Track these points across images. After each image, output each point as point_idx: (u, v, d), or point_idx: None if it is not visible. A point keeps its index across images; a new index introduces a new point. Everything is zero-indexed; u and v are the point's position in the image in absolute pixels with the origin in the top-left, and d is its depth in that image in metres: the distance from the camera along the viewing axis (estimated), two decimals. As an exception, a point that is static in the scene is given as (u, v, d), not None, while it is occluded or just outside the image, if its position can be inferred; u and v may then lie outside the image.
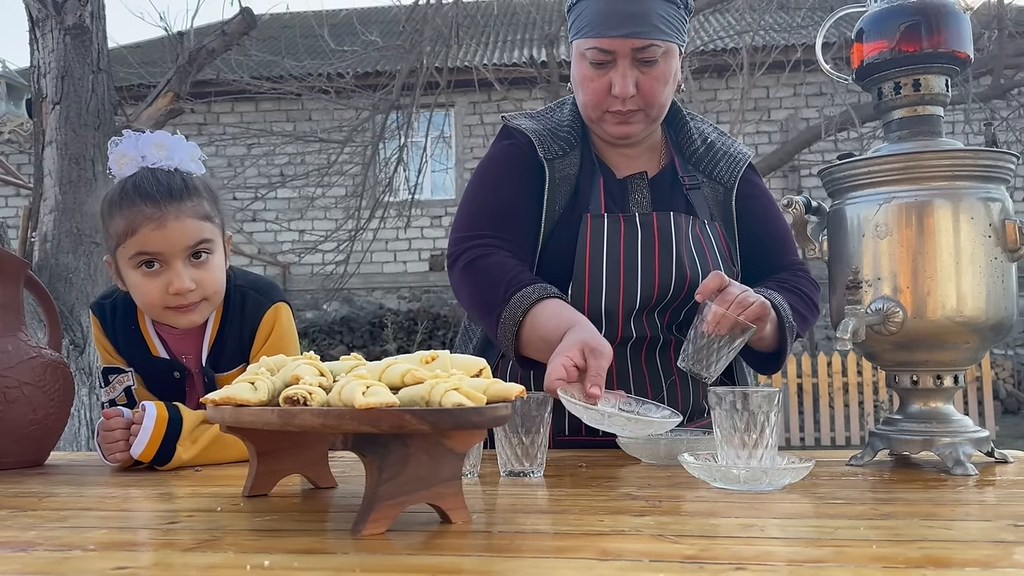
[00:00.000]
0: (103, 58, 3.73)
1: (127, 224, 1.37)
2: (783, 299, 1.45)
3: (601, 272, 1.47)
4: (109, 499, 1.08)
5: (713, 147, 1.62)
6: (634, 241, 1.49)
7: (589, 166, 1.57)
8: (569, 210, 1.53)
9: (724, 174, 1.60)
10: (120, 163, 1.40)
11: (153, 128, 4.03)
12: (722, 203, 1.60)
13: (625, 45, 1.44)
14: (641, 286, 1.48)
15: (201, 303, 1.43)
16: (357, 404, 0.81)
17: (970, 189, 1.16)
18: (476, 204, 1.58)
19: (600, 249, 1.48)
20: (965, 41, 1.20)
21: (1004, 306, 1.17)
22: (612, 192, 1.56)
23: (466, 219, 1.57)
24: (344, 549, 0.77)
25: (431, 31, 7.34)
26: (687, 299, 1.49)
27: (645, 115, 1.51)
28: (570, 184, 1.55)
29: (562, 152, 1.56)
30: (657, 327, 1.51)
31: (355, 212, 7.96)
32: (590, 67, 1.48)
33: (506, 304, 1.41)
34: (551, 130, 1.58)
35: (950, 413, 1.21)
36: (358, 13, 10.32)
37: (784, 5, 8.66)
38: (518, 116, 1.63)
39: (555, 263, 1.51)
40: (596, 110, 1.52)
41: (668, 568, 0.69)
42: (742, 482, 1.04)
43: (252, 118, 11.64)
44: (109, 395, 1.48)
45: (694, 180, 1.59)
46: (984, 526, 0.84)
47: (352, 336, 11.29)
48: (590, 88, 1.50)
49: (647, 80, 1.47)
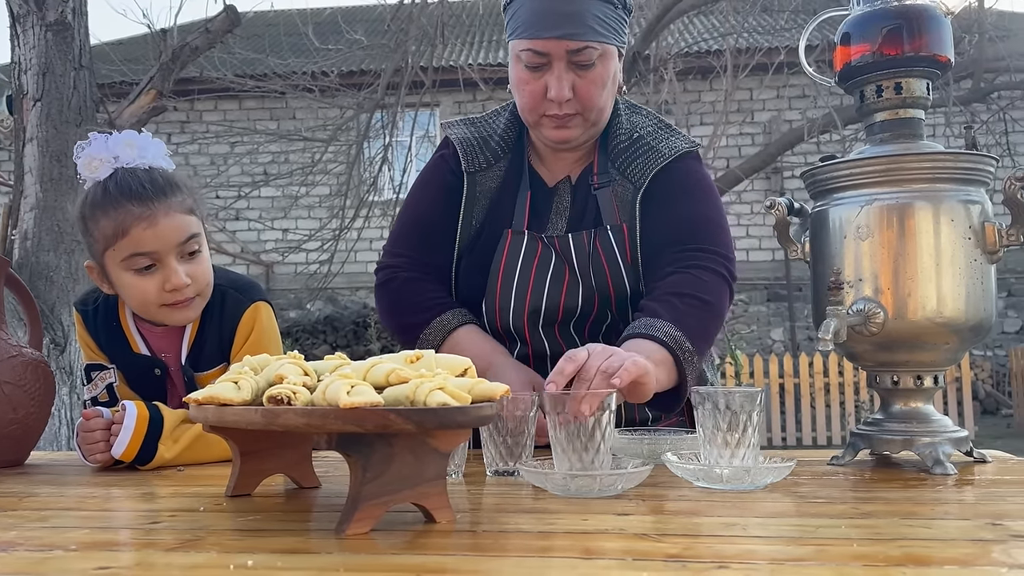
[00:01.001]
0: (85, 55, 3.70)
1: (116, 226, 1.35)
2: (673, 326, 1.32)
3: (512, 288, 1.48)
4: (90, 499, 1.07)
5: (638, 142, 1.53)
6: (547, 262, 1.49)
7: (515, 178, 1.56)
8: (489, 223, 1.54)
9: (637, 172, 1.51)
10: (91, 166, 1.38)
11: (136, 126, 4.00)
12: (629, 202, 1.51)
13: (560, 47, 1.40)
14: (546, 304, 1.48)
15: (196, 298, 1.42)
16: (342, 403, 0.81)
17: (950, 191, 1.18)
18: (400, 221, 1.65)
19: (514, 266, 1.49)
20: (946, 45, 1.21)
21: (983, 307, 1.18)
22: (537, 205, 1.55)
23: (392, 235, 1.65)
24: (328, 549, 0.77)
25: (416, 30, 7.33)
26: (600, 315, 1.50)
27: (583, 119, 1.47)
28: (488, 198, 1.55)
29: (487, 164, 1.56)
30: (575, 341, 1.50)
31: (339, 211, 7.93)
32: (525, 70, 1.45)
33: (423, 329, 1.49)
34: (483, 139, 1.58)
35: (930, 413, 1.22)
36: (343, 11, 10.29)
37: (767, 8, 8.71)
38: (456, 124, 1.62)
39: (473, 275, 1.53)
40: (533, 114, 1.48)
41: (651, 566, 0.69)
42: (724, 481, 1.05)
43: (235, 116, 11.58)
44: (92, 392, 1.47)
45: (605, 178, 1.54)
46: (963, 525, 0.85)
47: (336, 336, 11.25)
48: (526, 91, 1.46)
49: (583, 83, 1.43)
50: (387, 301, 1.58)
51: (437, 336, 1.48)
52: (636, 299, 1.47)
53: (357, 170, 8.11)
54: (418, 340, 1.49)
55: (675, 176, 1.51)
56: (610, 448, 1.06)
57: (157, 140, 1.42)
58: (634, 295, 1.49)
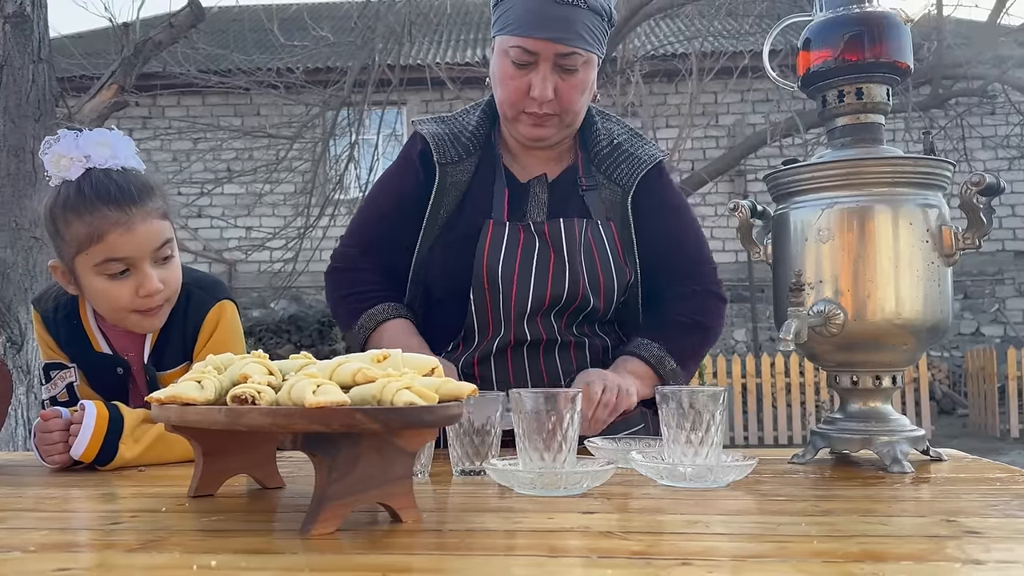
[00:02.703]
0: (44, 48, 3.63)
1: (91, 230, 1.31)
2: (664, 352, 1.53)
3: (497, 279, 1.51)
4: (49, 499, 1.05)
5: (619, 148, 1.61)
6: (531, 250, 1.52)
7: (488, 172, 1.60)
8: (465, 216, 1.56)
9: (623, 176, 1.59)
10: (59, 164, 1.33)
11: (97, 121, 3.94)
12: (619, 204, 1.58)
13: (549, 49, 1.45)
14: (533, 293, 1.51)
15: (164, 304, 1.40)
16: (307, 403, 0.81)
17: (909, 195, 1.20)
18: (362, 215, 1.71)
19: (497, 256, 1.51)
20: (906, 51, 1.24)
21: (940, 309, 1.21)
22: (513, 198, 1.58)
23: (351, 229, 1.71)
24: (293, 549, 0.76)
25: (383, 28, 7.30)
26: (583, 303, 1.53)
27: (560, 120, 1.53)
28: (459, 190, 1.58)
29: (458, 157, 1.59)
30: (554, 329, 1.54)
31: (304, 209, 7.87)
32: (512, 65, 1.49)
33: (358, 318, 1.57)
34: (454, 134, 1.61)
35: (888, 413, 1.24)
36: (309, 8, 10.19)
37: (732, 12, 8.80)
38: (426, 120, 1.66)
39: (449, 268, 1.55)
40: (512, 109, 1.53)
41: (616, 564, 0.70)
42: (688, 479, 1.06)
43: (199, 112, 11.43)
44: (50, 392, 1.44)
45: (592, 181, 1.60)
46: (919, 522, 0.87)
47: (300, 335, 11.15)
48: (510, 86, 1.51)
49: (566, 87, 1.49)
50: (331, 290, 1.67)
51: (367, 327, 1.56)
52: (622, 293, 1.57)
53: (323, 168, 8.05)
54: (351, 328, 1.58)
55: (656, 185, 1.61)
56: (575, 448, 1.07)
57: (128, 138, 1.39)
58: (621, 289, 1.56)
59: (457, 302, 1.54)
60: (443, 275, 1.56)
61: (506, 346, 1.53)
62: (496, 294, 1.51)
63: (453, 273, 1.54)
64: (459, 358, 1.54)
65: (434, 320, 1.60)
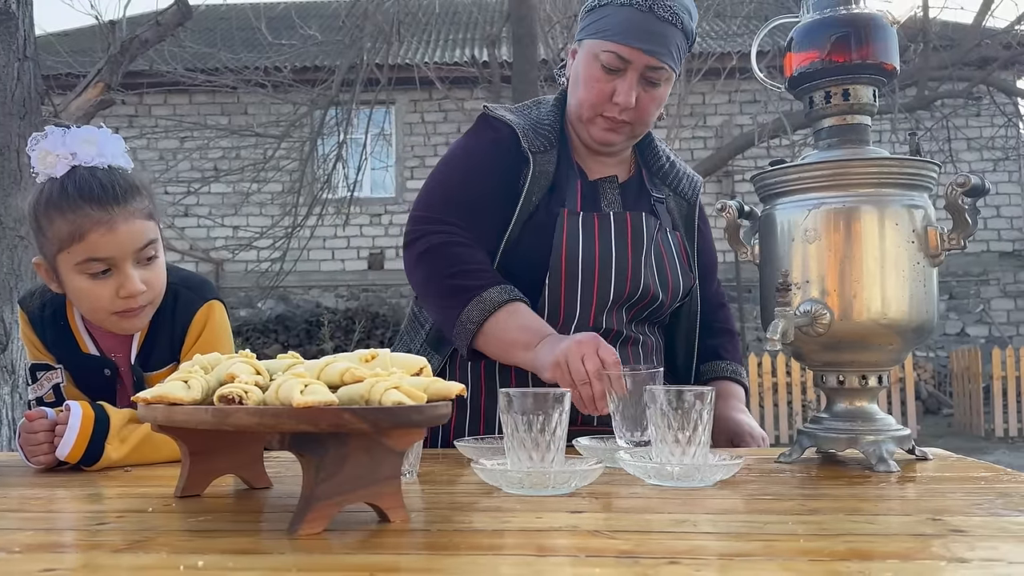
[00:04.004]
0: (29, 45, 3.60)
1: (73, 229, 1.30)
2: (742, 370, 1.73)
3: (577, 267, 1.52)
4: (34, 500, 1.05)
5: (675, 166, 1.73)
6: (608, 239, 1.54)
7: (566, 165, 1.61)
8: (544, 205, 1.56)
9: (687, 190, 1.71)
10: (45, 161, 1.32)
11: (83, 119, 3.91)
12: (686, 216, 1.70)
13: (642, 60, 1.50)
14: (615, 282, 1.53)
15: (147, 306, 1.39)
16: (295, 403, 0.81)
17: (895, 196, 1.21)
18: (446, 189, 1.58)
19: (576, 245, 1.52)
20: (892, 53, 1.25)
21: (926, 309, 1.22)
22: (586, 192, 1.60)
23: (435, 201, 1.57)
24: (280, 549, 0.76)
25: (372, 27, 7.29)
26: (653, 299, 1.57)
27: (632, 129, 1.57)
28: (548, 179, 1.57)
29: (543, 148, 1.58)
30: (623, 321, 1.57)
31: (292, 209, 7.85)
32: (601, 69, 1.52)
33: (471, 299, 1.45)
34: (532, 125, 1.61)
35: (874, 412, 1.25)
36: (297, 7, 10.16)
37: (720, 13, 8.84)
38: (500, 108, 1.65)
39: (526, 256, 1.54)
40: (592, 111, 1.55)
41: (603, 563, 0.70)
42: (675, 479, 1.06)
43: (185, 111, 11.38)
44: (37, 392, 1.43)
45: (660, 192, 1.68)
46: (905, 520, 0.87)
47: (288, 335, 11.12)
48: (595, 88, 1.53)
49: (647, 99, 1.54)
50: (434, 266, 1.52)
51: (494, 304, 1.45)
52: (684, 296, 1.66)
53: (310, 167, 8.03)
54: (473, 301, 1.45)
55: (700, 204, 1.75)
56: (564, 448, 1.07)
57: (116, 136, 1.38)
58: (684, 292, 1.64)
59: (532, 290, 1.52)
60: (523, 261, 1.54)
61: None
62: (575, 282, 1.52)
63: (534, 260, 1.53)
64: None
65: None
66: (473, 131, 1.65)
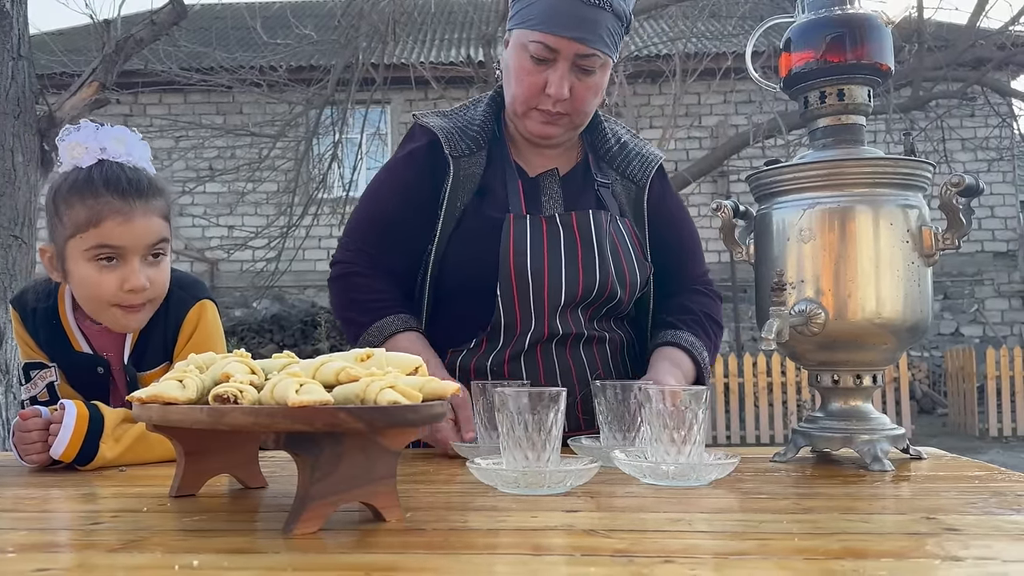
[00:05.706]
0: (24, 44, 3.59)
1: (91, 214, 1.33)
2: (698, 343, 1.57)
3: (527, 275, 1.48)
4: (28, 500, 1.04)
5: (626, 147, 1.65)
6: (556, 242, 1.51)
7: (500, 166, 1.58)
8: (474, 209, 1.54)
9: (637, 173, 1.63)
10: (74, 152, 1.36)
11: (77, 118, 3.89)
12: (635, 201, 1.62)
13: (571, 48, 1.44)
14: (566, 286, 1.49)
15: (147, 305, 1.40)
16: (290, 402, 0.80)
17: (890, 196, 1.21)
18: (363, 213, 1.63)
19: (524, 252, 1.49)
20: (887, 53, 1.25)
21: (920, 309, 1.22)
22: (527, 191, 1.57)
23: (351, 225, 1.64)
24: (275, 549, 0.76)
25: (367, 26, 7.28)
26: (611, 296, 1.53)
27: (570, 121, 1.52)
28: (474, 182, 1.55)
29: (468, 151, 1.56)
30: (581, 323, 1.54)
31: (287, 208, 7.84)
32: (530, 60, 1.47)
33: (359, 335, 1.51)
34: (461, 128, 1.58)
35: (869, 411, 1.25)
36: (292, 6, 10.15)
37: (716, 13, 8.85)
38: (429, 114, 1.62)
39: (467, 266, 1.51)
40: (525, 104, 1.51)
41: (599, 562, 0.70)
42: (671, 478, 1.07)
43: (180, 110, 11.35)
44: (30, 392, 1.43)
45: (606, 178, 1.62)
46: (899, 519, 0.88)
47: (283, 335, 11.10)
48: (525, 82, 1.49)
49: (581, 88, 1.48)
50: (337, 297, 1.62)
51: (376, 339, 1.50)
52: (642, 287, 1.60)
53: (306, 167, 8.03)
54: (358, 340, 1.51)
55: (659, 184, 1.66)
56: (559, 447, 1.07)
57: (144, 143, 1.42)
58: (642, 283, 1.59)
59: (475, 298, 1.51)
60: (460, 270, 1.52)
61: (538, 341, 1.50)
62: (526, 289, 1.49)
63: (472, 268, 1.51)
64: (487, 356, 1.51)
65: (450, 316, 1.55)
66: (401, 143, 1.66)
